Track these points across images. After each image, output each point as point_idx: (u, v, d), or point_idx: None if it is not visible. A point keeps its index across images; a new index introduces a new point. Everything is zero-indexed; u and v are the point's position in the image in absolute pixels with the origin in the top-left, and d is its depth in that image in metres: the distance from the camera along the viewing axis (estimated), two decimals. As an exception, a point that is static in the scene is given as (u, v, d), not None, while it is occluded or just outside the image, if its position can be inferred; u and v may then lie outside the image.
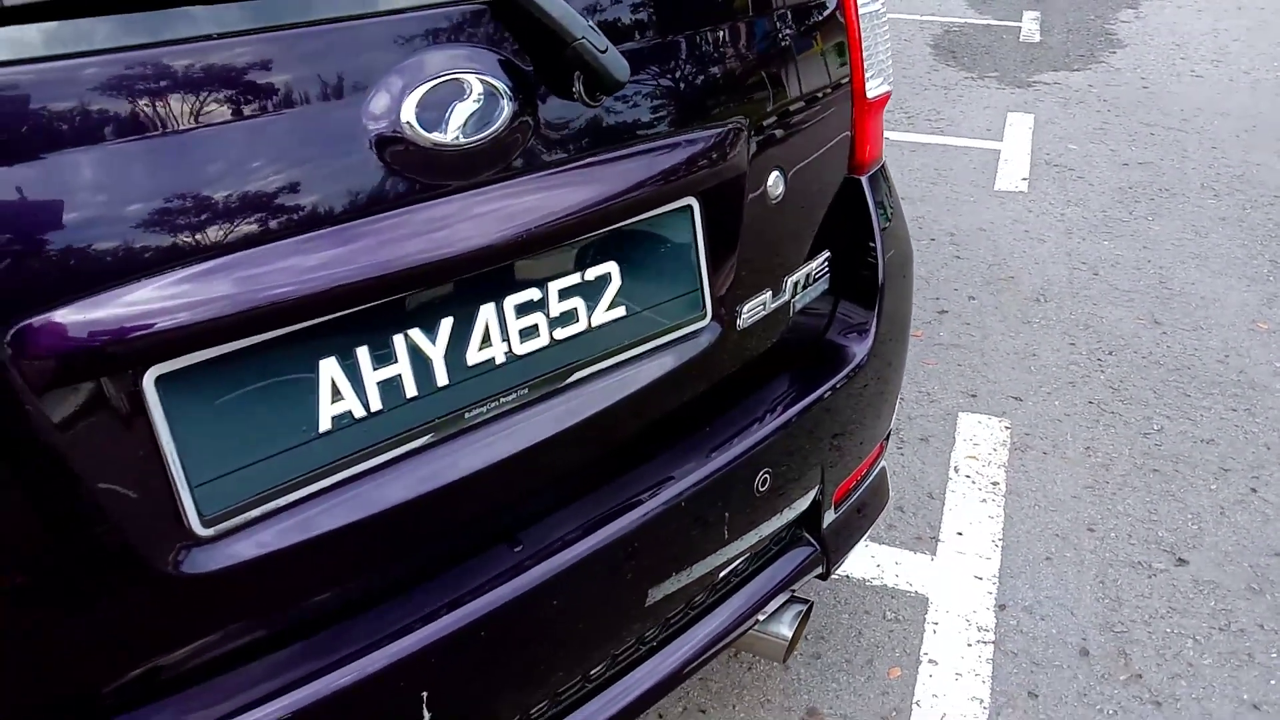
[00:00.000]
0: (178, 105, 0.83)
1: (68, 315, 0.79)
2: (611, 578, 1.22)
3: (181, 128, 0.83)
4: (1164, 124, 4.88)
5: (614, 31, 1.08)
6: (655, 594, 1.30)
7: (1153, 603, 1.98)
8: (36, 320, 0.78)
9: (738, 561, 1.46)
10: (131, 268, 0.82)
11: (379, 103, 0.92)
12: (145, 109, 0.81)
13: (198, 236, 0.85)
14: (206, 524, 0.91)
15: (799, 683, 1.80)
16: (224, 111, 0.85)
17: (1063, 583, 2.03)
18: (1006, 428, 2.53)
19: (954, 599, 1.98)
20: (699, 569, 1.35)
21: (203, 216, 0.85)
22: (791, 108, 1.32)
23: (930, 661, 1.84)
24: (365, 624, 1.03)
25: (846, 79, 1.42)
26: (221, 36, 0.85)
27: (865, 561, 2.06)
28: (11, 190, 0.76)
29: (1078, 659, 1.85)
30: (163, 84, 0.82)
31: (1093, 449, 2.45)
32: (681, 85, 1.16)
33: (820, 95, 1.37)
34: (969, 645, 1.88)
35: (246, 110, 0.86)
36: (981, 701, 1.76)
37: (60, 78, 0.78)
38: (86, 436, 0.83)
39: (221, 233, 0.86)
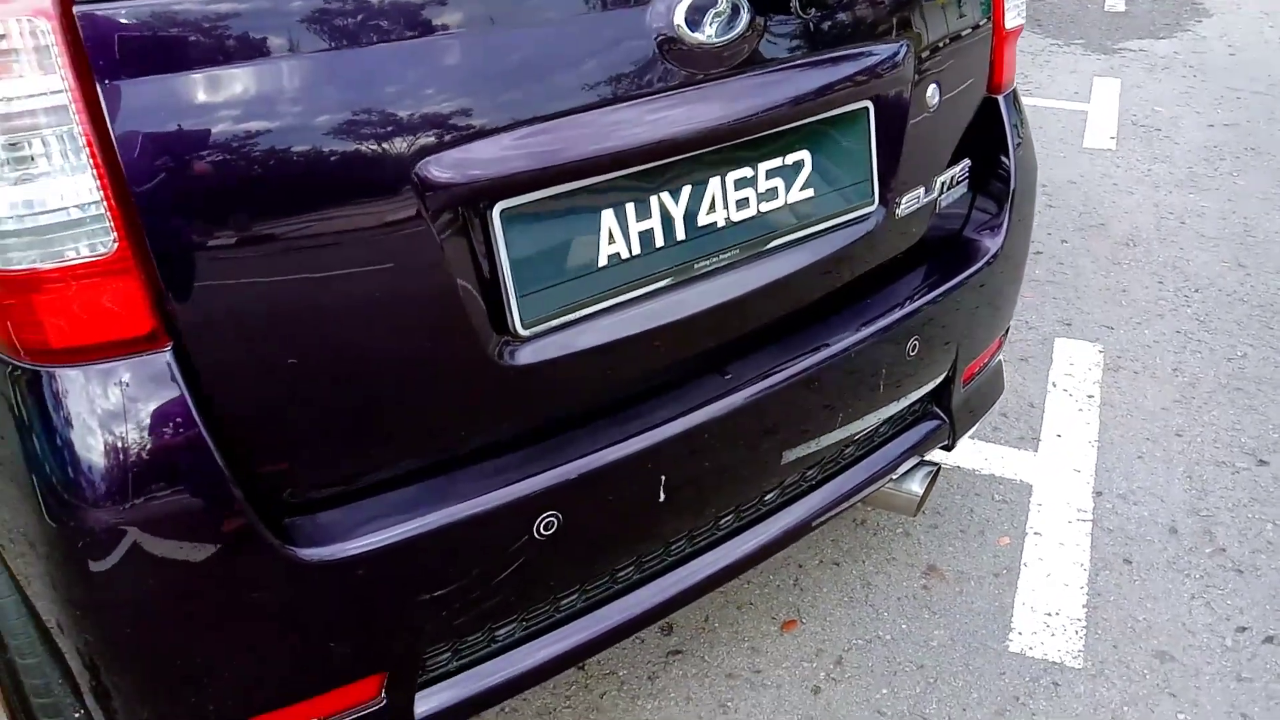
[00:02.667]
0: (525, 9, 1.13)
1: (452, 158, 1.10)
2: (792, 412, 1.50)
3: (526, 25, 1.13)
4: (1250, 89, 5.00)
5: (820, -39, 1.35)
6: (822, 434, 1.58)
7: (1235, 494, 2.22)
8: (433, 160, 1.09)
9: (882, 423, 1.74)
10: (492, 126, 1.12)
11: (658, 9, 1.20)
12: (507, 5, 1.11)
13: (534, 106, 1.15)
14: (525, 326, 1.21)
15: (919, 546, 2.08)
16: (555, 16, 1.15)
17: (1153, 476, 2.27)
18: (1100, 351, 2.76)
19: (1055, 486, 2.24)
20: (855, 419, 1.63)
21: (538, 91, 1.15)
22: (947, 31, 1.58)
23: (1035, 534, 2.11)
24: (621, 421, 1.33)
25: (989, 9, 1.68)
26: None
27: (974, 455, 2.33)
28: (423, 66, 1.07)
29: (1167, 535, 2.10)
30: (518, -10, 1.12)
31: (1180, 370, 2.67)
32: (866, 7, 1.43)
33: (969, 23, 1.63)
34: (1069, 522, 2.13)
35: (571, 14, 1.16)
36: (1082, 565, 2.02)
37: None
38: (455, 250, 1.14)
39: (550, 103, 1.15)
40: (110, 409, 1.01)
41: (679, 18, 1.21)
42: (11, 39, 0.91)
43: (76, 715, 1.29)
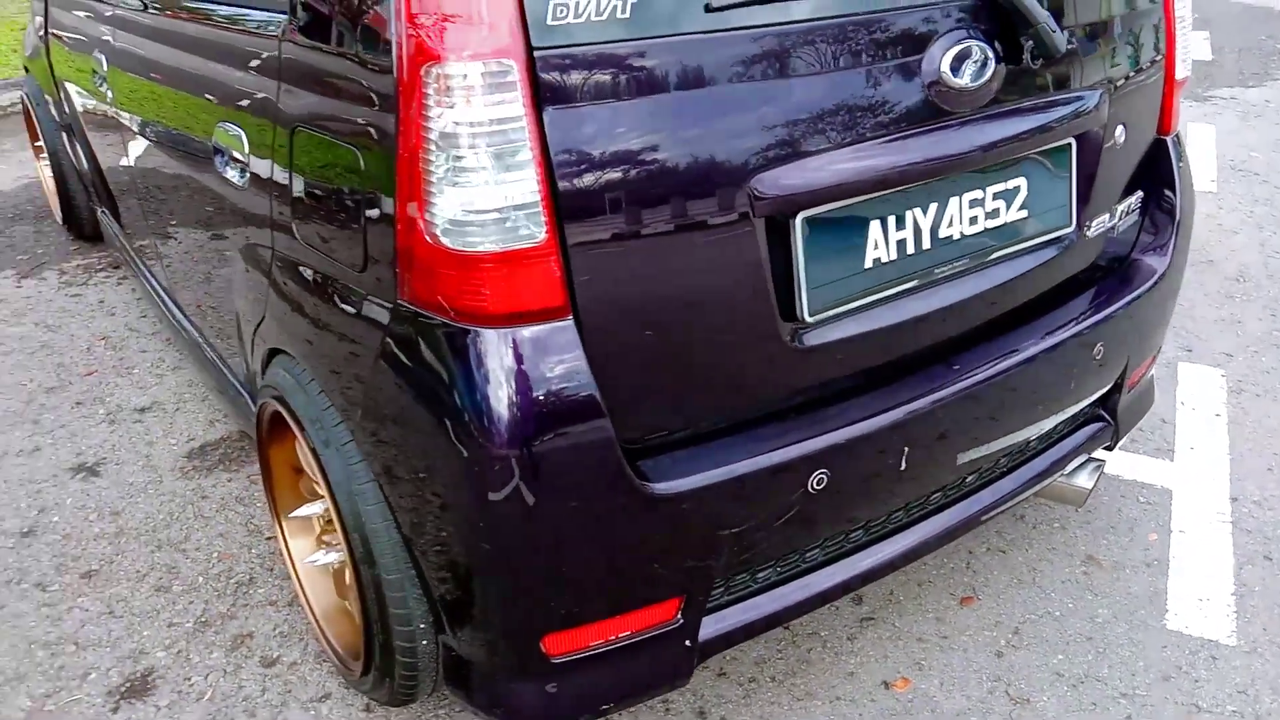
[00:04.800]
0: (831, 55, 1.41)
1: (777, 175, 1.38)
2: (1003, 402, 1.75)
3: (832, 70, 1.41)
4: (1343, 137, 5.17)
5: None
6: (1025, 425, 1.82)
7: (1365, 504, 2.41)
8: (763, 177, 1.37)
9: (1065, 419, 1.97)
10: (805, 151, 1.40)
11: (930, 61, 1.48)
12: (821, 57, 1.40)
13: (834, 136, 1.42)
14: (811, 315, 1.49)
15: (1075, 539, 2.30)
16: (853, 64, 1.43)
17: (1285, 486, 2.48)
18: (1222, 375, 2.97)
19: (1193, 491, 2.45)
20: (1052, 412, 1.87)
21: (837, 123, 1.43)
22: (1133, 81, 1.84)
23: (1180, 531, 2.32)
24: (879, 398, 1.59)
25: (1163, 62, 1.94)
26: (859, 14, 1.43)
27: (1119, 462, 2.54)
28: (761, 104, 1.36)
29: (1304, 537, 2.30)
30: (821, 43, 1.40)
31: (1301, 394, 2.87)
32: (1078, 58, 1.69)
33: (1149, 74, 1.89)
34: (1210, 522, 2.35)
35: (865, 62, 1.44)
36: (1225, 559, 2.23)
37: (770, 36, 1.36)
38: (768, 249, 1.41)
39: (845, 134, 1.43)
40: (524, 364, 1.30)
41: (945, 65, 1.49)
42: (491, 73, 1.21)
43: (422, 625, 1.58)
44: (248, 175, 1.70)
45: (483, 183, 1.24)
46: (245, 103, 1.67)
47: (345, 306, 1.48)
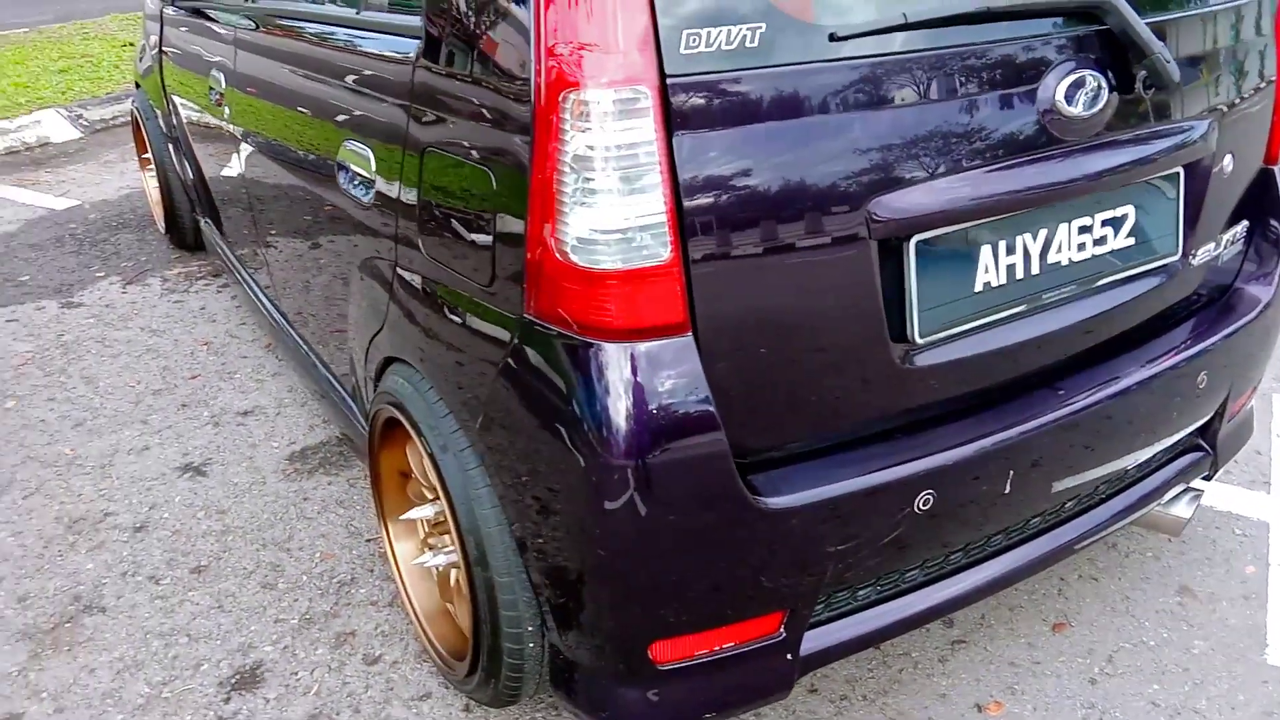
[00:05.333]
0: (949, 83, 1.44)
1: (893, 199, 1.41)
2: (1105, 428, 1.75)
3: (950, 97, 1.44)
4: None
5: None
6: (1126, 452, 1.82)
7: None
8: (880, 201, 1.40)
9: (1159, 449, 1.97)
10: (921, 177, 1.43)
11: (1045, 90, 1.51)
12: (938, 85, 1.43)
13: (950, 162, 1.45)
14: (922, 337, 1.51)
15: (1169, 569, 2.28)
16: (969, 88, 1.46)
17: (1388, 523, 2.42)
18: (1319, 408, 2.91)
19: (1291, 526, 2.41)
20: (1154, 440, 1.86)
21: (953, 151, 1.45)
22: (1241, 110, 1.84)
23: (1278, 565, 2.28)
24: (987, 420, 1.61)
25: (1271, 91, 1.93)
26: (977, 44, 1.46)
27: (1213, 494, 2.51)
28: (880, 130, 1.39)
29: None
30: (939, 71, 1.43)
31: (1403, 429, 2.80)
32: (1189, 87, 1.70)
33: (1257, 105, 1.88)
34: (1310, 558, 2.31)
35: (982, 91, 1.46)
36: (1328, 596, 2.19)
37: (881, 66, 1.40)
38: (881, 272, 1.45)
39: (961, 160, 1.46)
40: (644, 378, 1.35)
41: (1060, 94, 1.51)
42: (625, 100, 1.26)
43: (530, 628, 1.63)
44: (373, 193, 1.78)
45: (613, 203, 1.29)
46: (374, 124, 1.75)
47: (469, 319, 1.55)
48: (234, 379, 3.16)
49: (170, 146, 3.72)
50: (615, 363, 1.34)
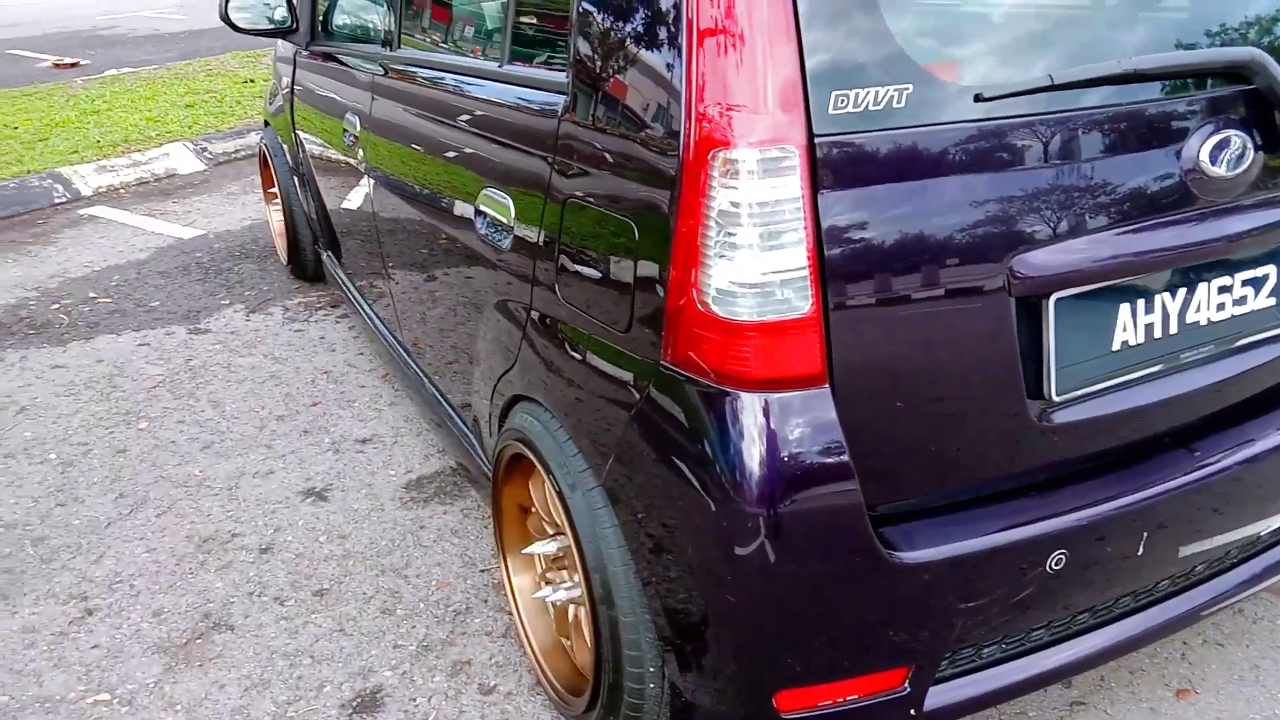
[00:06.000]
0: (1092, 143, 1.44)
1: (1034, 257, 1.42)
2: (1240, 491, 1.71)
3: (1092, 157, 1.44)
4: None
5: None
6: (1260, 517, 1.77)
7: None
8: (1021, 258, 1.41)
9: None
10: (1064, 234, 1.43)
11: (1189, 150, 1.50)
12: (1082, 145, 1.43)
13: (1089, 219, 1.45)
14: (1059, 394, 1.50)
15: (1301, 638, 2.19)
16: (1113, 148, 1.46)
17: None
18: None
19: None
20: (1281, 506, 1.81)
21: (1097, 209, 1.45)
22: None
23: None
24: (1123, 480, 1.59)
25: None
26: (1121, 105, 1.46)
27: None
28: (1024, 189, 1.40)
29: None
30: (1082, 131, 1.43)
31: None
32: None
33: None
34: None
35: (1123, 148, 1.46)
36: None
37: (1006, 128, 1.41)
38: (1019, 328, 1.45)
39: (1104, 219, 1.46)
40: (780, 428, 1.37)
41: (1204, 154, 1.49)
42: (773, 158, 1.30)
43: (652, 668, 1.65)
44: (511, 238, 1.85)
45: (755, 257, 1.33)
46: (516, 174, 1.82)
47: (604, 362, 1.59)
48: (353, 407, 3.28)
49: (296, 182, 3.89)
50: (751, 412, 1.37)
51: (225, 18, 3.26)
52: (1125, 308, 1.55)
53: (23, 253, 4.84)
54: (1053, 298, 1.47)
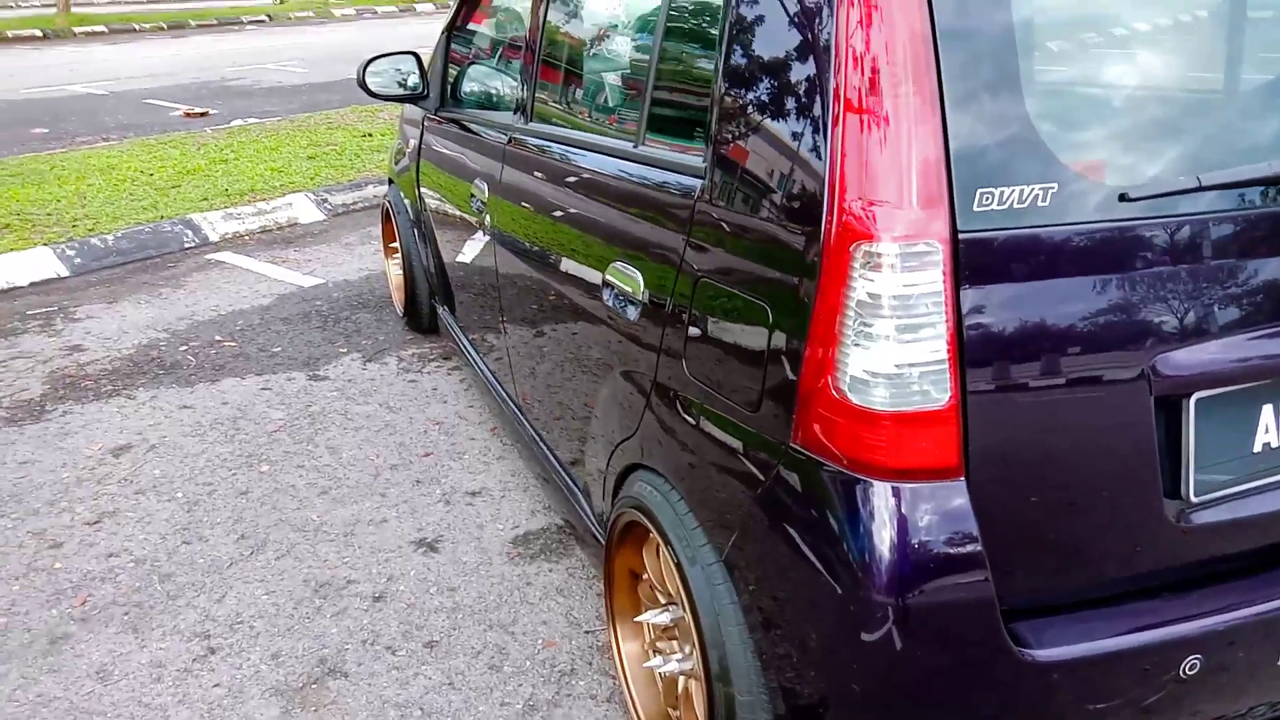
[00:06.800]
0: (1236, 244, 1.43)
1: (1176, 356, 1.41)
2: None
3: (1236, 258, 1.43)
4: None
5: None
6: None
7: None
8: (1163, 358, 1.40)
9: None
10: (1204, 336, 1.42)
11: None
12: (1226, 246, 1.42)
13: (1232, 320, 1.44)
14: (1198, 495, 1.48)
15: None
16: (1257, 250, 1.44)
17: None
18: None
19: None
20: None
21: (1236, 309, 1.44)
22: None
23: None
24: (1263, 584, 1.54)
25: None
26: (1266, 209, 1.44)
27: None
28: (1165, 291, 1.39)
29: None
30: (1226, 232, 1.42)
31: None
32: None
33: None
34: None
35: (1268, 250, 1.45)
36: None
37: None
38: (1159, 426, 1.43)
39: (1244, 319, 1.44)
40: (912, 518, 1.37)
41: (1345, 263, 1.47)
42: (916, 252, 1.32)
43: (768, 750, 1.65)
44: (638, 310, 1.90)
45: (893, 348, 1.35)
46: (648, 251, 1.87)
47: (731, 440, 1.62)
48: (463, 459, 3.36)
49: (417, 238, 4.05)
50: (884, 500, 1.38)
51: (362, 84, 3.44)
52: (1268, 409, 1.52)
53: (155, 295, 5.11)
54: (1193, 397, 1.45)
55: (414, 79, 3.51)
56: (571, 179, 2.28)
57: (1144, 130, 1.47)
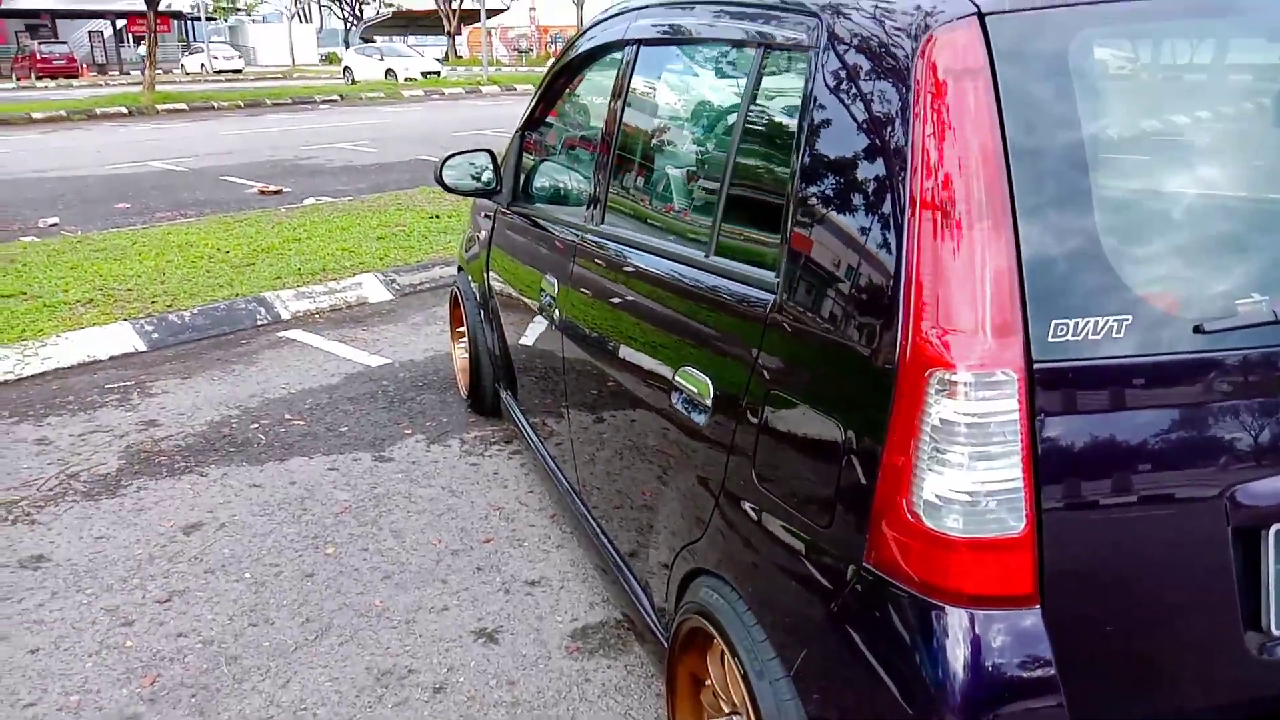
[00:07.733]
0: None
1: (1255, 487, 1.40)
2: None
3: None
4: None
5: None
6: None
7: None
8: (1241, 489, 1.39)
9: None
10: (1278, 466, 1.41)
11: None
12: (1272, 378, 1.42)
13: (1315, 451, 1.43)
14: (1278, 628, 1.45)
15: None
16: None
17: None
18: None
19: None
20: None
21: (1320, 440, 1.43)
22: None
23: None
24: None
25: None
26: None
27: None
28: (1239, 415, 1.39)
29: None
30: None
31: None
32: None
33: None
34: None
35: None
36: None
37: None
38: (1234, 555, 1.42)
39: (1329, 451, 1.43)
40: (987, 647, 1.37)
41: None
42: (992, 381, 1.34)
43: None
44: (708, 417, 1.93)
45: (970, 473, 1.36)
46: (719, 359, 1.91)
47: (803, 555, 1.63)
48: (523, 546, 3.39)
49: (484, 325, 4.15)
50: (959, 626, 1.38)
51: (439, 179, 3.57)
52: (1336, 538, 1.49)
53: (228, 371, 5.27)
54: (1273, 528, 1.44)
55: (488, 174, 3.64)
56: (641, 283, 2.34)
57: (1219, 258, 1.49)
